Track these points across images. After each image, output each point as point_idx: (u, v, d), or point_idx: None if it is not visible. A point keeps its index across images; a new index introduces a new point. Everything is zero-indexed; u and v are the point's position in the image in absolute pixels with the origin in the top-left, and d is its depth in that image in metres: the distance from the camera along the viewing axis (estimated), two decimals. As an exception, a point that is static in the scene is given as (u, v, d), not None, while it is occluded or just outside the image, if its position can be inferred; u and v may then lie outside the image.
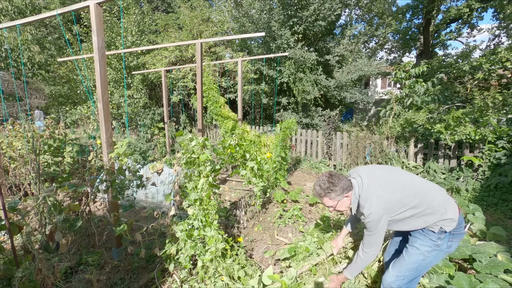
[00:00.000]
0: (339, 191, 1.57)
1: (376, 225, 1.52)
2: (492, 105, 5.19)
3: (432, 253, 1.55)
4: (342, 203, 1.62)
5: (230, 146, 3.52)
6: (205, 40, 3.88)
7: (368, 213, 1.50)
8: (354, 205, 1.63)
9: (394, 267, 1.65)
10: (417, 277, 1.64)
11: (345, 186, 1.58)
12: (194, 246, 2.03)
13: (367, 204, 1.51)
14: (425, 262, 1.57)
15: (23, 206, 1.66)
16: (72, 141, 4.45)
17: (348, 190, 1.60)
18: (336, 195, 1.58)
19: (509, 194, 4.08)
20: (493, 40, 13.17)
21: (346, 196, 1.60)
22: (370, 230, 1.56)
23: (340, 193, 1.58)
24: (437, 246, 1.54)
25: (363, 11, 17.51)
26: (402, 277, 1.60)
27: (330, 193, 1.58)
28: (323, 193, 1.60)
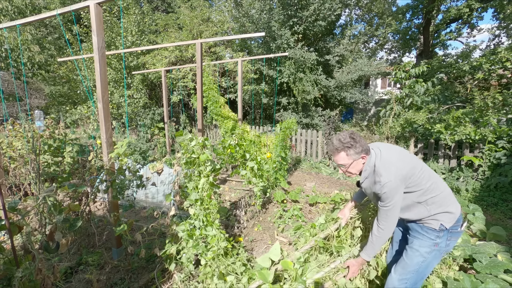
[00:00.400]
0: (359, 149, 1.51)
1: (392, 196, 1.45)
2: (492, 105, 5.19)
3: (432, 254, 1.54)
4: (356, 164, 1.56)
5: (230, 146, 3.52)
6: (205, 40, 3.88)
7: (385, 181, 1.44)
8: (366, 173, 1.57)
9: (396, 270, 1.63)
10: (421, 280, 1.62)
11: (364, 147, 1.53)
12: (196, 246, 2.03)
13: (386, 171, 1.46)
14: (425, 264, 1.55)
15: (23, 206, 1.66)
16: (72, 141, 4.44)
17: (366, 152, 1.55)
18: (354, 153, 1.52)
19: (509, 194, 4.08)
20: (493, 40, 13.17)
21: (363, 157, 1.55)
22: (386, 202, 1.48)
23: (359, 151, 1.52)
24: (436, 245, 1.53)
25: (363, 11, 17.51)
26: (404, 281, 1.58)
27: (349, 148, 1.51)
28: (341, 147, 1.53)
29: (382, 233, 1.55)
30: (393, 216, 1.51)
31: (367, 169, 1.58)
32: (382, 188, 1.47)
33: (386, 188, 1.45)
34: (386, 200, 1.48)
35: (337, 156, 1.58)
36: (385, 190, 1.46)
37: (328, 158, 6.54)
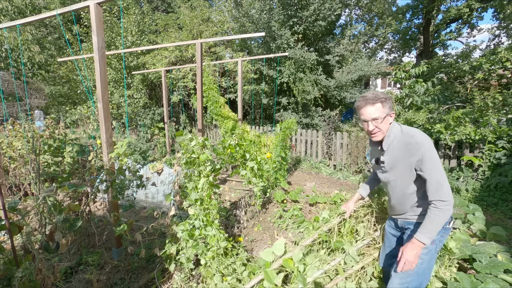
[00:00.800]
0: (391, 104, 1.48)
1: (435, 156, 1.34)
2: (492, 105, 5.19)
3: (429, 254, 1.49)
4: (386, 121, 1.48)
5: (230, 146, 3.52)
6: (205, 40, 3.88)
7: (422, 139, 1.35)
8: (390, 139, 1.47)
9: (396, 275, 1.56)
10: (425, 281, 1.55)
11: (391, 105, 1.49)
12: (195, 246, 2.03)
13: (418, 132, 1.40)
14: (424, 265, 1.50)
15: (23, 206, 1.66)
16: (72, 141, 4.45)
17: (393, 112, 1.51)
18: (388, 107, 1.46)
19: (509, 194, 4.08)
20: (493, 40, 13.18)
21: (391, 115, 1.49)
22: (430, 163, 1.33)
23: (391, 107, 1.48)
24: (432, 243, 1.47)
25: (363, 11, 17.52)
26: (406, 284, 1.52)
27: (386, 100, 1.45)
28: (378, 98, 1.45)
29: (447, 206, 1.33)
30: (446, 181, 1.34)
31: (390, 134, 1.48)
32: (420, 148, 1.35)
33: (426, 146, 1.34)
34: (430, 161, 1.33)
35: (372, 107, 1.46)
36: (426, 149, 1.34)
37: (328, 158, 6.54)
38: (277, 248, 1.94)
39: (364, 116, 1.50)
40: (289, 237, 3.05)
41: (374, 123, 1.48)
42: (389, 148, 1.49)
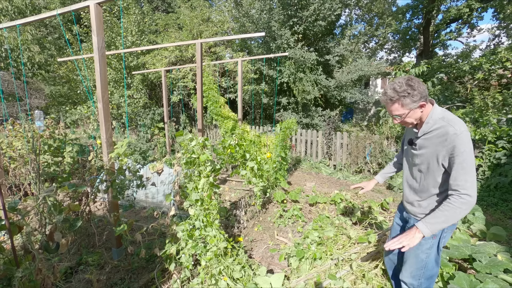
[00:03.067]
0: (417, 96, 1.33)
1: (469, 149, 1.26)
2: (492, 105, 5.19)
3: (433, 248, 1.51)
4: (413, 113, 1.38)
5: (230, 146, 3.52)
6: (205, 40, 3.88)
7: (463, 130, 1.27)
8: (429, 126, 1.39)
9: (406, 268, 1.62)
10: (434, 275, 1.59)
11: (424, 93, 1.34)
12: (195, 246, 2.03)
13: (460, 122, 1.31)
14: (430, 258, 1.53)
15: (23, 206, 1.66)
16: (72, 141, 4.45)
17: (426, 99, 1.36)
18: (411, 101, 1.34)
19: (509, 194, 4.08)
20: (493, 40, 13.18)
21: (422, 105, 1.36)
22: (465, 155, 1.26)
23: (418, 99, 1.33)
24: (434, 237, 1.48)
25: (363, 11, 17.51)
26: (417, 277, 1.57)
27: (405, 97, 1.34)
28: (396, 97, 1.36)
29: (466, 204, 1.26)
30: (475, 179, 1.27)
31: (429, 121, 1.39)
32: (458, 139, 1.27)
33: (464, 138, 1.26)
34: (466, 155, 1.26)
35: (391, 107, 1.40)
36: (464, 141, 1.26)
37: (328, 158, 6.54)
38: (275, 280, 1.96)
39: (388, 111, 1.46)
40: (289, 237, 3.05)
41: (398, 118, 1.44)
42: (425, 135, 1.43)
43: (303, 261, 2.41)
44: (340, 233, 2.85)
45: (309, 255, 2.44)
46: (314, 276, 2.22)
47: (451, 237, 2.40)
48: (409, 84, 1.33)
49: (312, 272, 2.28)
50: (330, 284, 2.07)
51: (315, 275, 2.22)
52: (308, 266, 2.36)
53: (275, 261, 2.63)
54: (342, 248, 2.60)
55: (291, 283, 2.17)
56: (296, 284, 2.14)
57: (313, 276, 2.23)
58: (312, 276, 2.23)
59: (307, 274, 2.26)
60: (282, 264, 2.54)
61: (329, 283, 2.08)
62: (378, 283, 2.10)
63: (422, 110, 1.39)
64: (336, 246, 2.64)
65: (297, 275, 2.28)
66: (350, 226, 3.05)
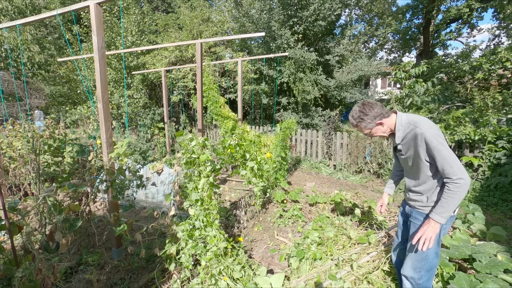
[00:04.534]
0: (370, 119, 1.60)
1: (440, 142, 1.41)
2: (492, 105, 5.19)
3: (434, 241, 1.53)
4: (376, 130, 1.64)
5: (230, 146, 3.52)
6: (205, 40, 3.88)
7: (427, 127, 1.45)
8: (401, 132, 1.58)
9: (407, 262, 1.68)
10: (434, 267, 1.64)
11: (376, 114, 1.59)
12: (195, 246, 2.03)
13: (423, 121, 1.49)
14: (430, 251, 1.57)
15: (23, 206, 1.66)
16: (72, 141, 4.44)
17: (383, 116, 1.60)
18: (367, 124, 1.61)
19: (509, 194, 4.08)
20: (493, 40, 13.18)
21: (379, 123, 1.61)
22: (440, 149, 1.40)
23: (371, 121, 1.60)
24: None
25: (363, 11, 17.51)
26: (418, 269, 1.62)
27: (361, 122, 1.62)
28: (354, 123, 1.66)
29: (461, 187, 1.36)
30: (456, 159, 1.39)
31: (400, 128, 1.58)
32: (426, 136, 1.43)
33: (431, 134, 1.43)
34: (439, 146, 1.41)
35: (356, 128, 1.69)
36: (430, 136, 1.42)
37: (328, 158, 6.54)
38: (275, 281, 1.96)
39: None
40: (289, 237, 3.05)
41: (367, 135, 1.71)
42: (402, 142, 1.61)
43: (303, 261, 2.41)
44: (340, 233, 2.85)
45: (309, 256, 2.45)
46: (314, 276, 2.22)
47: (451, 237, 2.40)
48: (361, 111, 1.61)
49: (312, 272, 2.28)
50: (330, 285, 2.08)
51: (315, 275, 2.23)
52: (308, 266, 2.36)
53: (275, 261, 2.63)
54: (342, 248, 2.61)
55: (291, 283, 2.17)
56: (296, 284, 2.14)
57: (313, 276, 2.23)
58: (312, 276, 2.23)
59: (307, 274, 2.26)
60: (282, 264, 2.54)
61: (329, 284, 2.08)
62: (379, 284, 2.10)
63: (383, 125, 1.62)
64: (336, 246, 2.64)
65: (297, 275, 2.28)
66: (350, 226, 3.05)
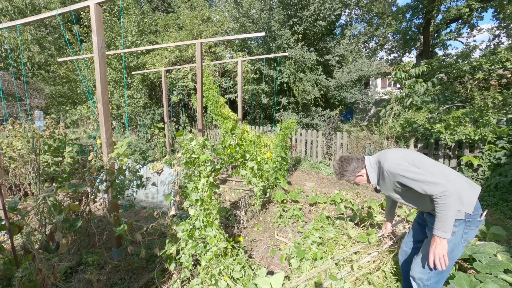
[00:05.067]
0: (350, 172, 1.81)
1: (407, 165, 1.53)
2: (492, 105, 5.19)
3: (449, 244, 1.49)
4: (358, 180, 1.84)
5: (230, 146, 3.52)
6: (205, 40, 3.88)
7: (388, 162, 1.59)
8: (374, 173, 1.75)
9: (417, 263, 1.63)
10: (446, 271, 1.58)
11: (353, 168, 1.80)
12: (195, 246, 2.03)
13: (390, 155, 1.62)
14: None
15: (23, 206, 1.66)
16: (72, 141, 4.44)
17: (359, 169, 1.80)
18: (349, 176, 1.83)
19: (509, 194, 4.08)
20: (493, 40, 13.16)
21: (359, 175, 1.81)
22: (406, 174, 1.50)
23: (351, 173, 1.81)
24: (452, 234, 1.48)
25: (363, 11, 17.50)
26: (427, 270, 1.57)
27: (343, 176, 1.85)
28: (339, 176, 1.87)
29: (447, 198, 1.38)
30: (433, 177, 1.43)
31: (371, 170, 1.75)
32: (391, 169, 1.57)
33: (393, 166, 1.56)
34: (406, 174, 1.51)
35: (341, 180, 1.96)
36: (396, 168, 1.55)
37: (328, 158, 6.54)
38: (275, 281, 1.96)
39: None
40: (289, 237, 3.05)
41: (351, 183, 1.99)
42: (379, 180, 1.76)
43: (304, 261, 2.41)
44: (340, 233, 2.85)
45: (310, 256, 2.45)
46: (315, 275, 2.22)
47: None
48: (340, 167, 1.84)
49: (312, 271, 2.28)
50: (331, 285, 2.08)
51: (315, 275, 2.22)
52: (308, 266, 2.36)
53: (275, 261, 2.63)
54: (343, 248, 2.60)
55: (291, 283, 2.17)
56: (297, 284, 2.14)
57: (314, 275, 2.23)
58: (313, 275, 2.23)
59: (307, 274, 2.26)
60: (283, 265, 2.54)
61: (330, 284, 2.08)
62: (380, 285, 2.10)
63: (363, 176, 1.80)
64: (337, 246, 2.64)
65: (298, 275, 2.28)
66: (352, 227, 3.05)
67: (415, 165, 1.54)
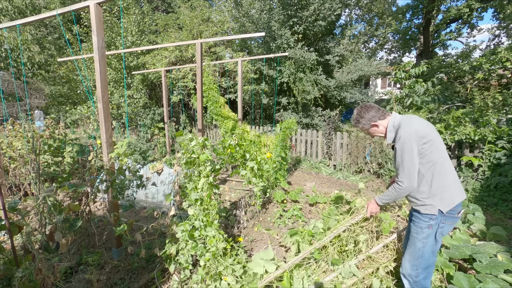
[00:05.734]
0: (366, 120, 1.79)
1: (404, 148, 1.57)
2: (492, 105, 5.19)
3: (429, 238, 1.63)
4: (372, 131, 1.83)
5: (230, 146, 3.52)
6: (205, 40, 3.88)
7: (402, 132, 1.60)
8: (392, 133, 1.72)
9: (405, 258, 1.76)
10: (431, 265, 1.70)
11: (370, 117, 1.77)
12: (195, 247, 2.03)
13: (406, 125, 1.62)
14: (426, 248, 1.64)
15: (23, 206, 1.66)
16: (72, 141, 4.44)
17: (376, 119, 1.77)
18: (364, 125, 1.82)
19: (509, 194, 4.08)
20: (493, 40, 13.17)
21: (374, 125, 1.78)
22: (400, 155, 1.60)
23: (367, 122, 1.79)
24: (430, 227, 1.62)
25: (363, 11, 17.51)
26: (415, 267, 1.69)
27: (358, 124, 1.84)
28: (354, 123, 1.87)
29: (399, 190, 1.64)
30: (408, 172, 1.58)
31: (391, 129, 1.73)
32: (400, 139, 1.61)
33: (402, 139, 1.59)
34: (400, 150, 1.59)
35: (356, 128, 2.00)
36: (399, 144, 1.60)
37: (328, 158, 6.54)
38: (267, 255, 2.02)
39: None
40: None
41: (368, 134, 1.91)
42: (394, 139, 1.74)
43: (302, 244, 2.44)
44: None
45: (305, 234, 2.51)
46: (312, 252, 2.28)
47: (451, 237, 2.40)
48: (358, 114, 1.82)
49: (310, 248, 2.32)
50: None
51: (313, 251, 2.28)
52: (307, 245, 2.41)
53: (275, 261, 2.63)
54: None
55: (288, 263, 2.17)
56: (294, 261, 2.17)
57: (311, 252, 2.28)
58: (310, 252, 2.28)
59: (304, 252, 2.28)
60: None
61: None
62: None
63: (378, 127, 1.78)
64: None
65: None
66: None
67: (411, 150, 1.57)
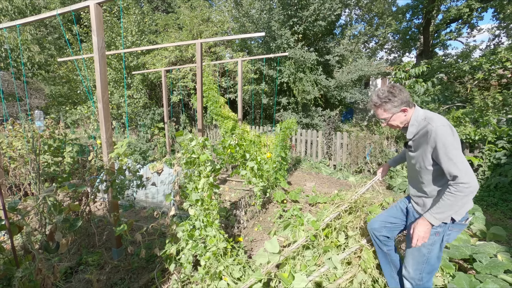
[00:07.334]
0: (397, 102, 1.47)
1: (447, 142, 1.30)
2: (492, 105, 5.19)
3: (435, 245, 1.54)
4: (397, 117, 1.52)
5: (230, 146, 3.52)
6: (205, 40, 3.88)
7: (439, 124, 1.35)
8: (414, 128, 1.48)
9: (407, 262, 1.66)
10: (434, 269, 1.64)
11: (405, 99, 1.47)
12: (195, 247, 2.03)
13: (439, 118, 1.40)
14: (432, 254, 1.57)
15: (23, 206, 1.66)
16: (72, 141, 4.44)
17: (408, 105, 1.48)
18: (392, 107, 1.49)
19: (509, 194, 4.08)
20: (493, 40, 13.17)
21: (403, 110, 1.49)
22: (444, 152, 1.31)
23: (398, 104, 1.47)
24: (437, 234, 1.51)
25: (363, 11, 17.51)
26: (418, 271, 1.62)
27: (387, 103, 1.49)
28: (379, 102, 1.52)
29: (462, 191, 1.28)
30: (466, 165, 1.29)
31: (414, 123, 1.49)
32: (435, 134, 1.34)
33: (440, 132, 1.33)
34: (445, 145, 1.31)
35: (377, 111, 1.57)
36: (440, 135, 1.32)
37: (328, 158, 6.54)
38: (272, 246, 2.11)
39: (376, 116, 1.62)
40: (288, 237, 3.04)
41: (383, 122, 1.59)
42: (415, 137, 1.52)
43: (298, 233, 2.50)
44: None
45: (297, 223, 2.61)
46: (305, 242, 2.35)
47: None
48: (390, 91, 1.48)
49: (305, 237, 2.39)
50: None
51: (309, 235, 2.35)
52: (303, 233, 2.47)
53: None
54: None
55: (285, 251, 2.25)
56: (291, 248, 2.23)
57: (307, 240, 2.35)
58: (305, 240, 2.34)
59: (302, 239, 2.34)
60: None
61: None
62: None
63: (405, 114, 1.51)
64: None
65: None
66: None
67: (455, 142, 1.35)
